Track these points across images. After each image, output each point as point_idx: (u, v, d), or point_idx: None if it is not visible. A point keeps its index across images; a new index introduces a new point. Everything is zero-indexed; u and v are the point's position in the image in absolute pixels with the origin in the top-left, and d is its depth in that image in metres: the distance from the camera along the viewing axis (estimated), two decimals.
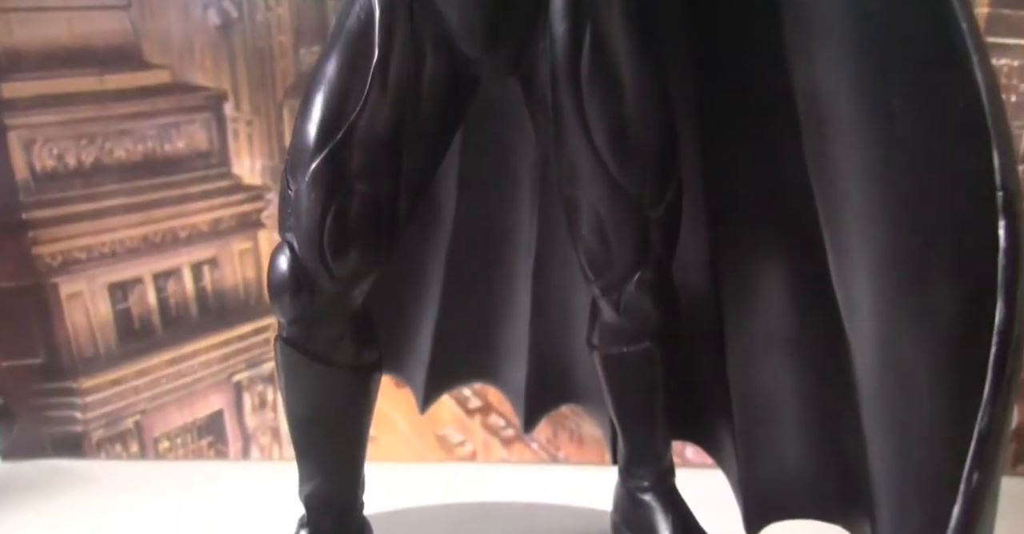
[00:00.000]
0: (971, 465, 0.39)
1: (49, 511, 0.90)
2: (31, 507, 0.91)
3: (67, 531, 0.85)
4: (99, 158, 0.97)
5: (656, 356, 0.56)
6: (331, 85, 0.48)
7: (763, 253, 0.58)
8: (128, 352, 1.00)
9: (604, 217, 0.50)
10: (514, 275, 0.74)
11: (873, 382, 0.49)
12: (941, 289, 0.43)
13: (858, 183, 0.46)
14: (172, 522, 0.87)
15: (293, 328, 0.51)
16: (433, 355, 0.74)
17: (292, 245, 0.49)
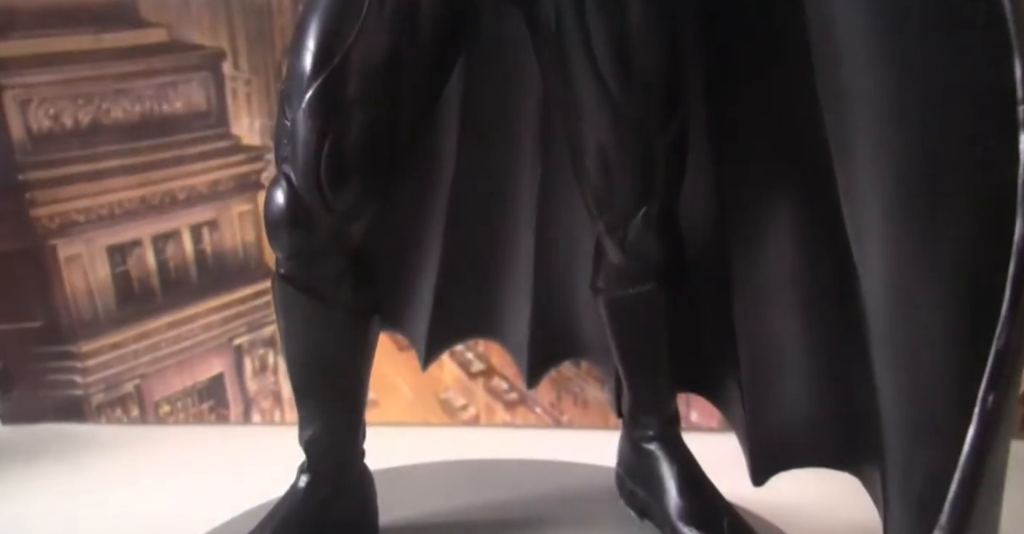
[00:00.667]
0: (987, 386, 0.38)
1: (49, 476, 0.90)
2: (31, 471, 0.90)
3: (68, 496, 0.85)
4: (96, 118, 0.95)
5: (661, 297, 0.54)
6: (326, 11, 0.46)
7: (772, 191, 0.56)
8: (127, 315, 0.99)
9: (608, 147, 0.49)
10: (516, 227, 0.73)
11: (883, 316, 0.48)
12: (955, 211, 0.42)
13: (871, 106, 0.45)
14: (173, 486, 0.86)
15: (291, 264, 0.50)
16: (435, 310, 0.73)
17: (289, 177, 0.48)
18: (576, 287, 0.72)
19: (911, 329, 0.45)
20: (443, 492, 0.70)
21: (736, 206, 0.58)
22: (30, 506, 0.82)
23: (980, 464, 0.38)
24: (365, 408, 0.58)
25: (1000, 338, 0.37)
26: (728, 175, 0.58)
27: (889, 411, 0.49)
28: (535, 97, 0.66)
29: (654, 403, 0.61)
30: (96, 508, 0.82)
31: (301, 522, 0.55)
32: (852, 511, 0.72)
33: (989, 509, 0.42)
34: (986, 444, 0.38)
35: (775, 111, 0.54)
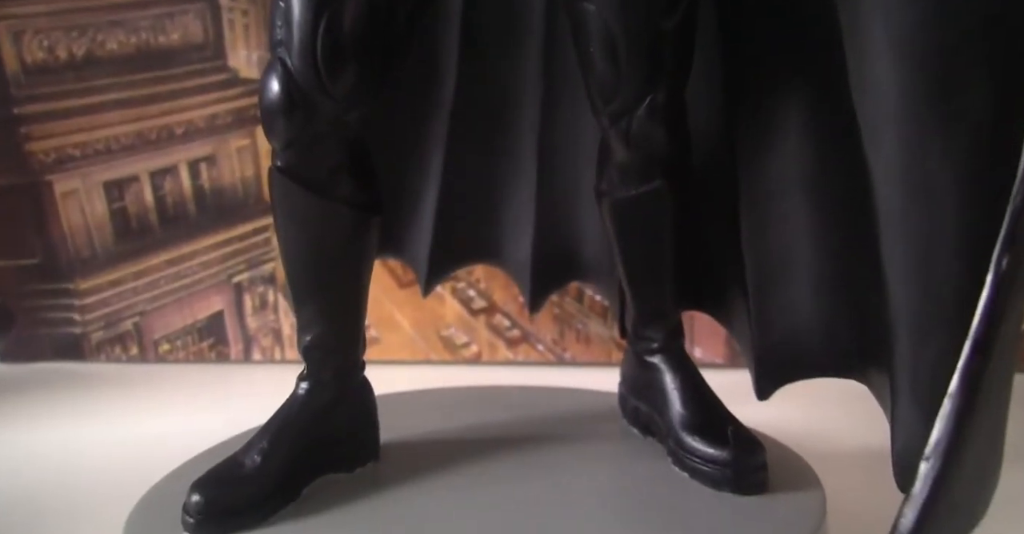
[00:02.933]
0: (1001, 247, 0.37)
1: (49, 414, 0.89)
2: (31, 410, 0.90)
3: (67, 434, 0.84)
4: (91, 50, 0.94)
5: (667, 196, 0.53)
6: None
7: (781, 88, 0.55)
8: (126, 252, 0.98)
9: (614, 29, 0.48)
10: (519, 145, 0.71)
11: (896, 211, 0.46)
12: (973, 86, 0.41)
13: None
14: (174, 425, 0.85)
15: (288, 153, 0.49)
16: (435, 234, 0.72)
17: (284, 61, 0.47)
18: (579, 208, 0.71)
19: (925, 222, 0.44)
20: (445, 414, 0.69)
21: (744, 106, 0.57)
22: (30, 445, 0.82)
23: (993, 331, 0.37)
24: (365, 317, 0.57)
25: (1017, 197, 0.36)
26: (736, 72, 0.57)
27: (899, 311, 0.48)
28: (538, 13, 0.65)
29: (658, 313, 0.60)
30: (96, 446, 0.81)
31: (301, 428, 0.55)
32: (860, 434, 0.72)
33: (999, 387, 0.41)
34: (999, 309, 0.37)
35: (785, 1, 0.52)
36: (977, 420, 0.38)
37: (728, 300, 0.64)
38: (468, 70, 0.67)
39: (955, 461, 0.38)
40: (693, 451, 0.56)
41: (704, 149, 0.59)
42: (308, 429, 0.55)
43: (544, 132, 0.69)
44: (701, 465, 0.55)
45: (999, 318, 0.37)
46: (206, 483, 0.51)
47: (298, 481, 0.54)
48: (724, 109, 0.57)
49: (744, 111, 0.56)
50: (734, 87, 0.56)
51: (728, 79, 0.56)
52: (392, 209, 0.70)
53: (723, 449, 0.55)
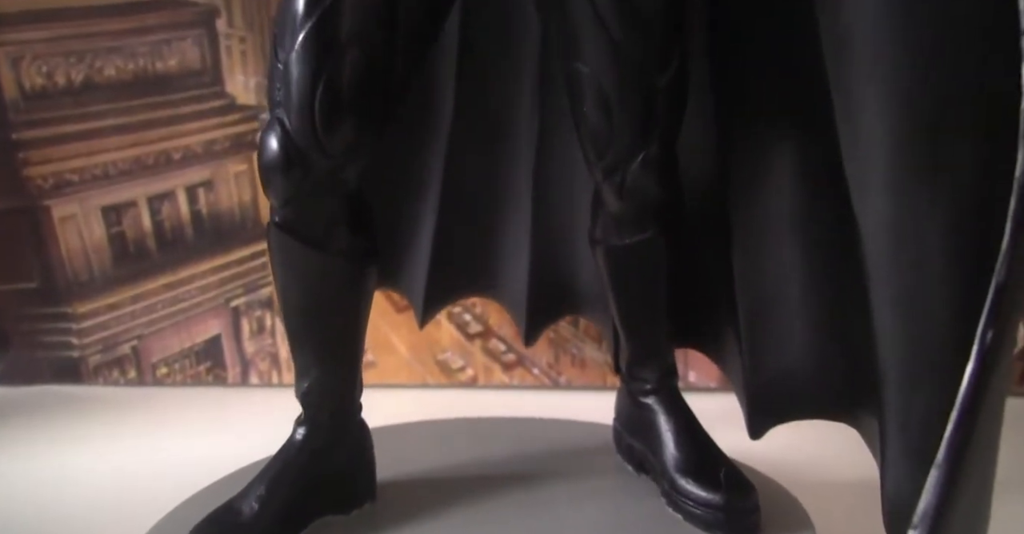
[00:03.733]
0: (986, 321, 0.37)
1: (47, 436, 0.89)
2: (29, 433, 0.90)
3: (66, 457, 0.84)
4: (89, 76, 0.94)
5: (660, 245, 0.54)
6: None
7: (772, 130, 0.55)
8: (123, 276, 0.99)
9: (607, 88, 0.48)
10: (515, 181, 0.72)
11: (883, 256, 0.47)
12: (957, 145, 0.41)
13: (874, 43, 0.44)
14: (172, 447, 0.86)
15: (286, 210, 0.50)
16: (432, 267, 0.73)
17: (282, 121, 0.48)
18: (574, 243, 0.71)
19: (911, 269, 0.45)
20: (440, 448, 0.70)
21: (736, 148, 0.57)
22: (28, 467, 0.82)
23: (978, 402, 0.38)
24: (362, 359, 0.58)
25: (1000, 273, 0.37)
26: (729, 116, 0.57)
27: (887, 356, 0.49)
28: (533, 41, 0.65)
29: (652, 355, 0.61)
30: (94, 468, 0.82)
31: (298, 473, 0.55)
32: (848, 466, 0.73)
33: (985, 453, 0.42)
34: (984, 381, 0.37)
35: (777, 50, 0.53)
36: (963, 488, 0.38)
37: (721, 339, 0.64)
38: (464, 106, 0.68)
39: (942, 528, 0.38)
40: (687, 494, 0.57)
41: (698, 191, 0.60)
42: (305, 472, 0.56)
43: (539, 167, 0.70)
44: (694, 508, 0.56)
45: (983, 390, 0.37)
46: (204, 530, 0.52)
47: (295, 526, 0.54)
48: (717, 153, 0.58)
49: (737, 157, 0.57)
50: (727, 133, 0.57)
51: (721, 126, 0.57)
52: (389, 241, 0.70)
53: (716, 492, 0.55)
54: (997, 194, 0.39)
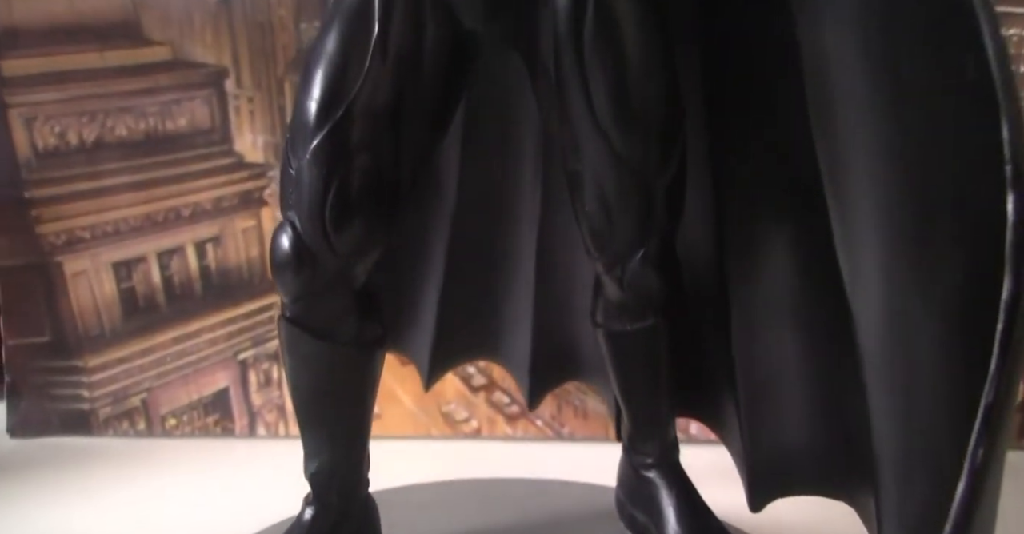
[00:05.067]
0: (976, 441, 0.39)
1: (57, 489, 0.91)
2: (39, 485, 0.92)
3: (75, 509, 0.86)
4: (101, 135, 0.96)
5: (660, 333, 0.55)
6: (331, 61, 0.47)
7: (768, 221, 0.57)
8: (133, 330, 1.00)
9: (607, 190, 0.50)
10: (518, 249, 0.74)
11: (877, 351, 0.49)
12: (947, 257, 0.43)
13: (864, 147, 0.45)
14: (180, 498, 0.88)
15: (296, 306, 0.51)
16: (437, 331, 0.74)
17: (294, 223, 0.49)
18: (576, 311, 0.73)
19: (906, 374, 0.46)
20: (445, 513, 0.71)
21: (734, 232, 0.59)
22: (38, 519, 0.83)
23: (969, 518, 0.39)
24: (369, 438, 0.59)
25: (989, 394, 0.38)
26: (726, 202, 0.59)
27: (883, 445, 0.50)
28: (534, 124, 0.67)
29: (653, 431, 0.62)
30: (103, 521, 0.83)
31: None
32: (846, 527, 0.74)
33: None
34: (975, 498, 0.38)
35: (773, 141, 0.55)
36: None
37: (720, 411, 0.66)
38: (468, 178, 0.70)
39: None
40: None
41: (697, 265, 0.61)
42: None
43: (542, 237, 0.71)
44: None
45: (975, 506, 0.39)
46: None
47: None
48: (716, 232, 0.59)
49: (734, 238, 0.58)
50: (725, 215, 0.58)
51: (719, 207, 0.58)
52: (394, 306, 0.72)
53: None
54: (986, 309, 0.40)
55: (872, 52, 0.43)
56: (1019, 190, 0.38)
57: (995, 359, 0.38)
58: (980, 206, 0.40)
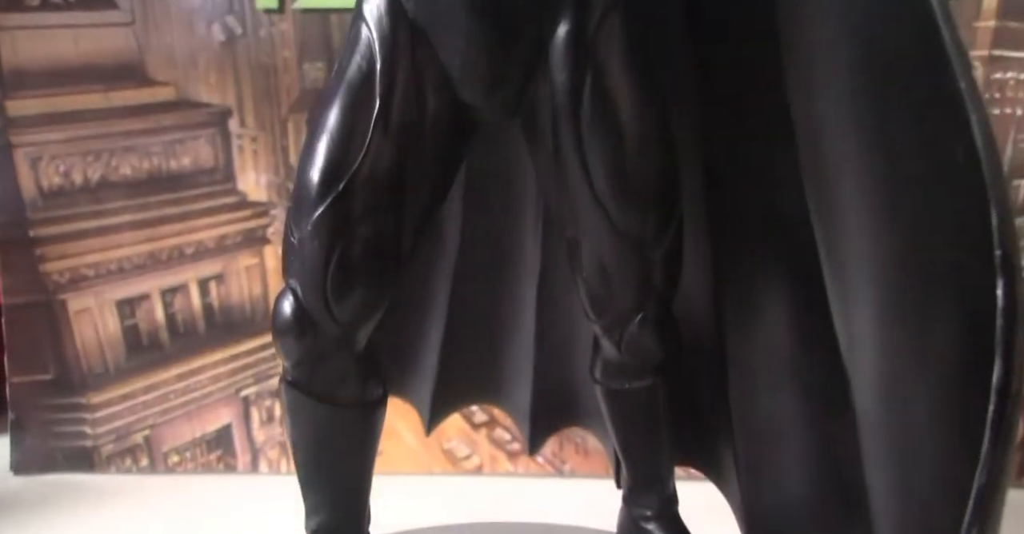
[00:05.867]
0: (970, 520, 0.39)
1: (60, 526, 0.91)
2: (42, 522, 0.92)
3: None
4: (105, 175, 0.97)
5: (659, 392, 0.56)
6: (333, 133, 0.48)
7: (765, 280, 0.58)
8: (137, 367, 1.01)
9: (605, 259, 0.50)
10: (519, 297, 0.74)
11: (873, 415, 0.49)
12: (940, 333, 0.43)
13: (858, 219, 0.46)
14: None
15: (297, 370, 0.52)
16: (438, 377, 0.75)
17: (295, 291, 0.50)
18: (577, 358, 0.73)
19: (900, 434, 0.47)
20: None
21: (731, 287, 0.60)
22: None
23: None
24: (370, 494, 0.59)
25: (982, 475, 0.39)
26: (723, 259, 0.59)
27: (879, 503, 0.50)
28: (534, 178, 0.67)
29: (653, 485, 0.62)
30: None
31: None
32: None
33: None
34: None
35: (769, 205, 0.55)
36: None
37: (719, 462, 0.66)
38: (469, 233, 0.70)
39: None
40: None
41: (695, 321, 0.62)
42: None
43: (543, 285, 0.72)
44: None
45: None
46: None
47: None
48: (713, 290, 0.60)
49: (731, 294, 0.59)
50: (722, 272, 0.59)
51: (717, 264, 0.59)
52: (395, 353, 0.72)
53: None
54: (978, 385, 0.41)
55: (865, 128, 0.44)
56: (1008, 276, 0.38)
57: (986, 443, 0.38)
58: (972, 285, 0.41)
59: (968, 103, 0.39)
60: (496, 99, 0.50)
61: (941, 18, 0.39)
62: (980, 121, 0.39)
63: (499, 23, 0.46)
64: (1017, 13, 0.88)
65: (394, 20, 0.47)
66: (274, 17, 0.94)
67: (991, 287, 0.39)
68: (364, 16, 0.47)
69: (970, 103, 0.39)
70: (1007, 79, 0.90)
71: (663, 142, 0.50)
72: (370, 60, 0.47)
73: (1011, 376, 0.38)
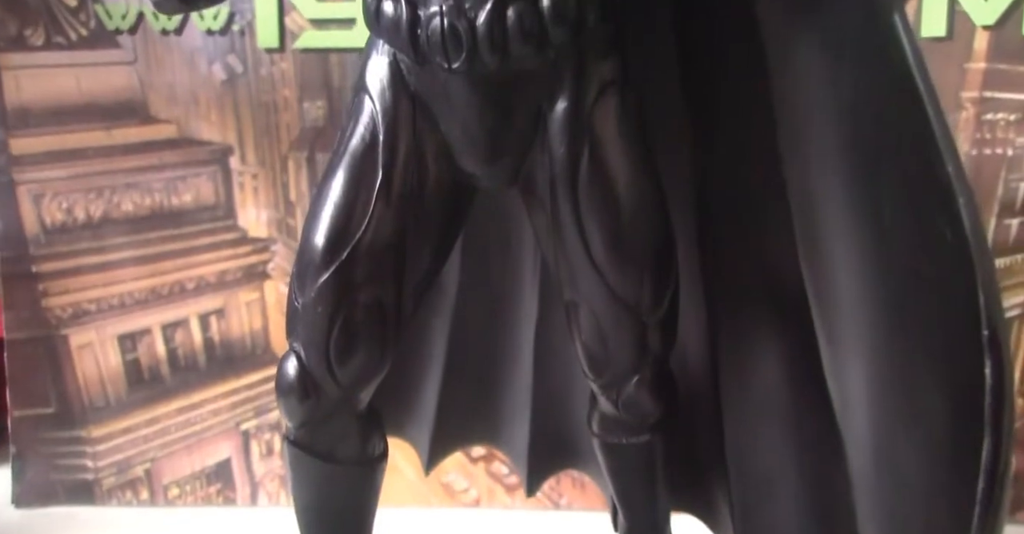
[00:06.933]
0: None
1: None
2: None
3: None
4: (107, 211, 0.98)
5: (657, 448, 0.57)
6: (337, 203, 0.49)
7: (759, 336, 0.59)
8: (137, 401, 1.01)
9: (603, 324, 0.52)
10: (516, 341, 0.75)
11: (868, 478, 0.50)
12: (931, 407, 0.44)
13: (850, 288, 0.47)
14: None
15: (301, 431, 0.53)
16: (437, 419, 0.76)
17: (299, 354, 0.51)
18: (574, 403, 0.74)
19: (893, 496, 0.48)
20: None
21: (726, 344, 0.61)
22: None
23: None
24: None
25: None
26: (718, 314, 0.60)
27: None
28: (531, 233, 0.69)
29: (649, 531, 0.63)
30: None
31: None
32: None
33: None
34: None
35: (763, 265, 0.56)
36: None
37: (715, 509, 0.67)
38: (468, 275, 0.71)
39: None
40: None
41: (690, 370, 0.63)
42: None
43: (540, 331, 0.73)
44: None
45: None
46: None
47: None
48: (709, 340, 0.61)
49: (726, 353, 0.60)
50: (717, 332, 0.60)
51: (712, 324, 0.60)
52: (395, 394, 0.73)
53: None
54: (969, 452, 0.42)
55: (856, 201, 0.45)
56: (996, 356, 0.40)
57: (976, 519, 0.39)
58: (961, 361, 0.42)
59: (956, 186, 0.40)
60: (495, 169, 0.51)
61: (929, 104, 0.40)
62: (968, 204, 0.40)
63: (499, 98, 0.47)
64: (1007, 55, 0.89)
65: (396, 92, 0.48)
66: (275, 56, 0.95)
67: (979, 364, 0.40)
68: (367, 87, 0.49)
69: (958, 186, 0.40)
70: (997, 120, 0.91)
71: (659, 210, 0.51)
72: (373, 132, 0.48)
73: (1000, 455, 0.40)
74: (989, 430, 0.39)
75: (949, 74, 0.89)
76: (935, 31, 0.89)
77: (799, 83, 0.45)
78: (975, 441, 0.41)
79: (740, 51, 0.48)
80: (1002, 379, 0.39)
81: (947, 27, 0.89)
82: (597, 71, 0.47)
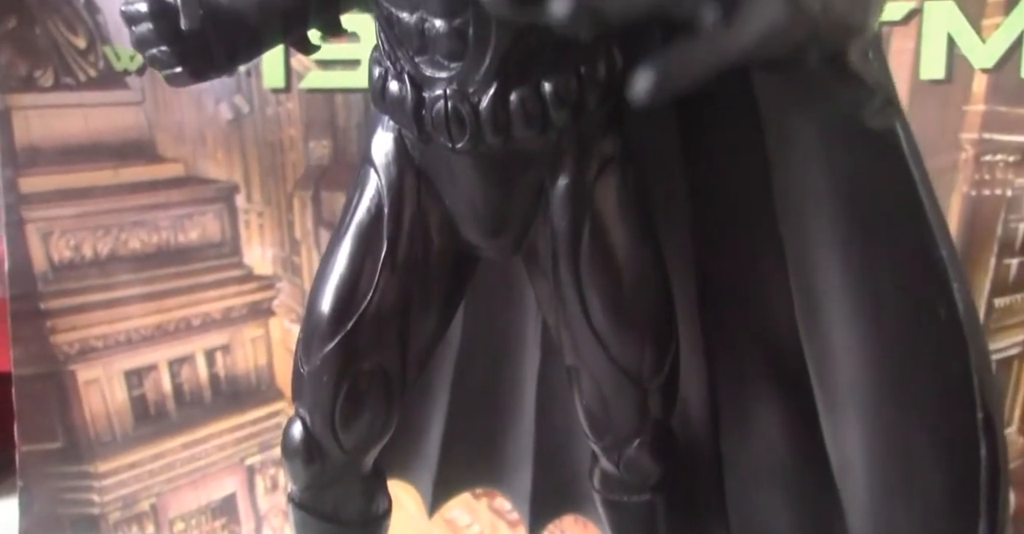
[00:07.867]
0: None
1: None
2: None
3: None
4: (114, 249, 0.99)
5: (658, 507, 0.58)
6: (343, 274, 0.50)
7: (760, 399, 0.60)
8: (144, 436, 1.02)
9: (604, 389, 0.52)
10: (519, 385, 0.76)
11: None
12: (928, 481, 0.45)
13: (848, 361, 0.48)
14: None
15: (306, 494, 0.54)
16: (440, 463, 0.77)
17: (304, 419, 0.52)
18: (577, 448, 0.75)
19: None
20: None
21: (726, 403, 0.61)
22: None
23: None
24: None
25: None
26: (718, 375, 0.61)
27: None
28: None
29: None
30: None
31: None
32: None
33: None
34: None
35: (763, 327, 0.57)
36: None
37: None
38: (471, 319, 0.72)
39: None
40: None
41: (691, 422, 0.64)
42: None
43: (543, 377, 0.74)
44: None
45: None
46: None
47: None
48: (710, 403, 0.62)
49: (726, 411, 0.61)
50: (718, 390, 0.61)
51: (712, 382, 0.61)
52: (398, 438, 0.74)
53: None
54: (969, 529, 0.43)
55: (852, 276, 0.46)
56: (990, 437, 0.40)
57: None
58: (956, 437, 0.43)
59: (950, 270, 0.41)
60: (499, 241, 0.52)
61: (922, 189, 0.41)
62: (961, 288, 0.41)
63: (502, 176, 0.48)
64: (1005, 98, 0.90)
65: (401, 166, 0.49)
66: (280, 96, 0.96)
67: (975, 443, 0.41)
68: (372, 161, 0.50)
69: (951, 270, 0.41)
70: (996, 161, 0.92)
71: (659, 280, 0.52)
72: (378, 204, 0.49)
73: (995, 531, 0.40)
74: (985, 509, 0.40)
75: (948, 116, 0.90)
76: (934, 74, 0.90)
77: (796, 161, 0.46)
78: (971, 519, 0.42)
79: (738, 125, 0.49)
80: (996, 459, 0.40)
81: (946, 70, 0.89)
82: (598, 148, 0.48)
